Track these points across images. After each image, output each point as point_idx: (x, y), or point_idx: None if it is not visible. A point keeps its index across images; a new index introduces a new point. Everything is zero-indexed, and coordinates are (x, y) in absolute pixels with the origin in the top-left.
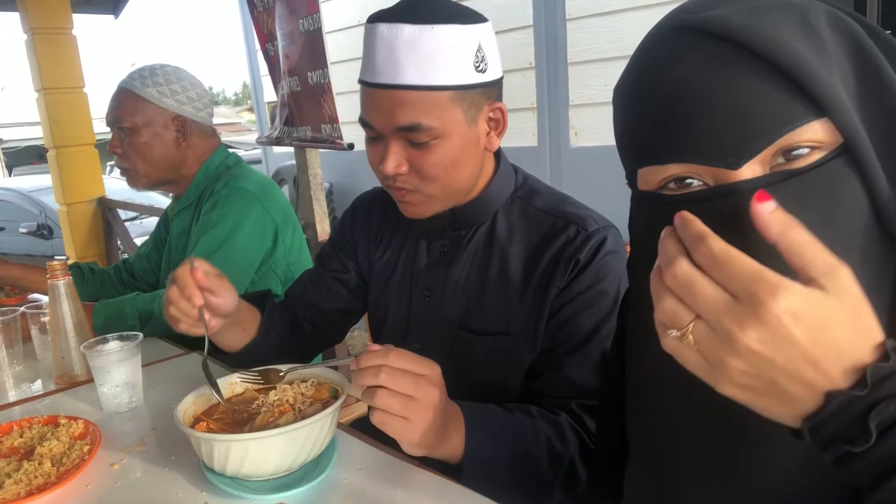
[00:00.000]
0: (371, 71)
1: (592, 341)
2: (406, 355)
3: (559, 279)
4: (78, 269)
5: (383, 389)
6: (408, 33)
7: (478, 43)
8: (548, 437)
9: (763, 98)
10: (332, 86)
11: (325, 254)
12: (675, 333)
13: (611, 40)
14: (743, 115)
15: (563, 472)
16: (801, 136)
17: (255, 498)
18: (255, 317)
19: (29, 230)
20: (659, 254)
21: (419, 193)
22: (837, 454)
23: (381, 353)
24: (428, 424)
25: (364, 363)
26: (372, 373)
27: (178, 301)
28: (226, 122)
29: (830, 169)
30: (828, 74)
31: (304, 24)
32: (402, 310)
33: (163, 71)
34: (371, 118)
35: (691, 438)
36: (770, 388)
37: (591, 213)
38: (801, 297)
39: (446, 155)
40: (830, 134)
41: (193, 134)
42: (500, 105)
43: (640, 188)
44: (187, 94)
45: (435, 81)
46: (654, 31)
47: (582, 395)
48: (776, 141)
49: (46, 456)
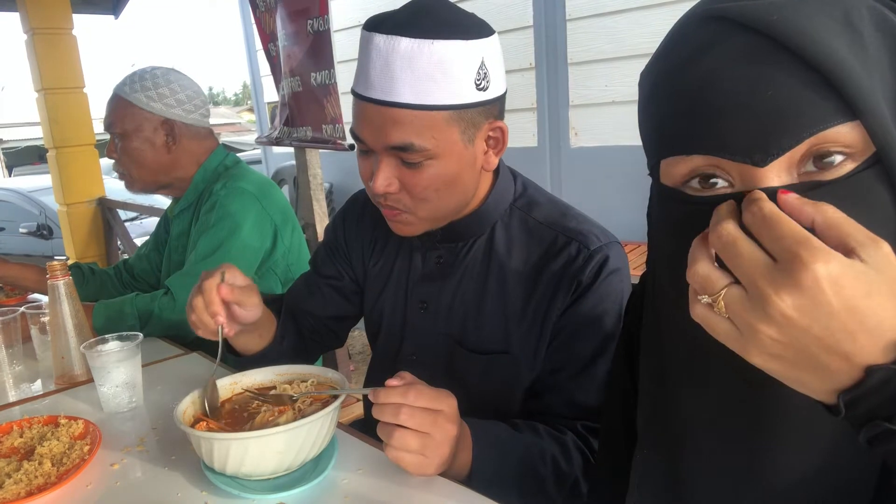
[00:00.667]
0: (365, 83)
1: (597, 362)
2: (424, 393)
3: (561, 300)
4: (78, 269)
5: (401, 429)
6: (405, 48)
7: (480, 59)
8: (553, 457)
9: (794, 95)
10: (337, 86)
11: (318, 258)
12: (706, 299)
13: (611, 40)
14: (772, 111)
15: (566, 489)
16: (831, 137)
17: (255, 498)
18: (273, 322)
19: (29, 230)
20: (712, 219)
21: (410, 214)
22: (874, 432)
23: (400, 392)
24: (444, 460)
25: (381, 399)
26: (390, 411)
27: (201, 313)
28: (226, 122)
29: (862, 180)
30: (866, 76)
31: (312, 25)
32: (396, 320)
33: (152, 75)
34: (362, 133)
35: (707, 429)
36: (804, 358)
37: (593, 227)
38: (843, 266)
39: (439, 176)
40: (862, 140)
41: (184, 137)
42: (501, 124)
43: (662, 182)
44: (176, 97)
45: (431, 101)
46: (684, 19)
47: (587, 416)
48: (805, 140)
49: (46, 456)
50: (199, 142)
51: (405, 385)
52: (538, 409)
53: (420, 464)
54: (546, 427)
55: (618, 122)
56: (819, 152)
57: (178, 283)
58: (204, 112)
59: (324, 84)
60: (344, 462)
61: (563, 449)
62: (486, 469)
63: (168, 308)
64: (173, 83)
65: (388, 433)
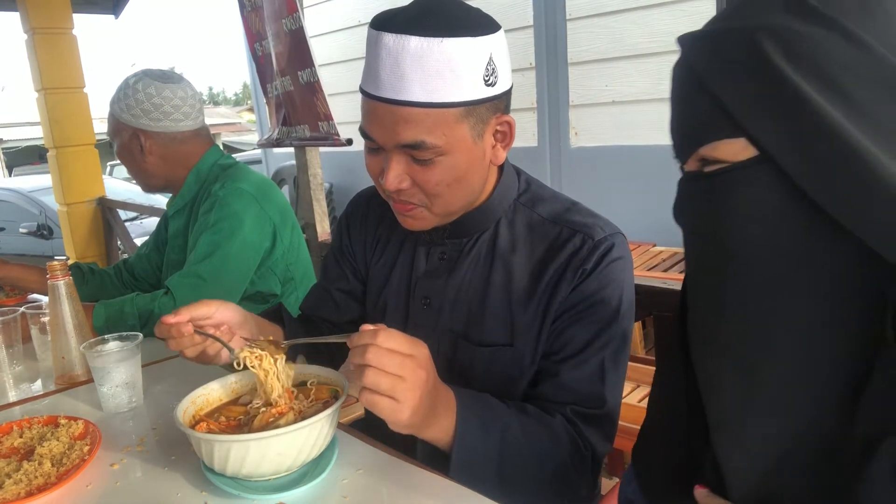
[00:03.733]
0: (374, 83)
1: (590, 348)
2: (395, 336)
3: (564, 289)
4: (78, 269)
5: (371, 369)
6: (415, 46)
7: (489, 55)
8: (538, 434)
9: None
10: (321, 84)
11: (328, 264)
12: None
13: (611, 40)
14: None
15: (551, 470)
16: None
17: (255, 498)
18: (279, 332)
19: (29, 230)
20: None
21: (424, 209)
22: None
23: (370, 333)
24: (416, 404)
25: (355, 342)
26: (360, 352)
27: (178, 344)
28: (226, 122)
29: (735, 177)
30: (752, 101)
31: (287, 24)
32: (399, 316)
33: (125, 83)
34: (372, 132)
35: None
36: None
37: (598, 220)
38: None
39: (450, 172)
40: (742, 150)
41: (157, 145)
42: (508, 118)
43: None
44: (142, 107)
45: (441, 98)
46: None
47: (578, 401)
48: (694, 152)
49: (46, 456)
50: (182, 146)
51: (377, 327)
52: (532, 396)
53: (392, 408)
54: (535, 408)
55: (618, 122)
56: (704, 159)
57: (178, 283)
58: (177, 117)
59: (309, 82)
60: (344, 462)
61: (550, 429)
62: (469, 436)
63: (168, 308)
64: (139, 92)
65: (359, 374)
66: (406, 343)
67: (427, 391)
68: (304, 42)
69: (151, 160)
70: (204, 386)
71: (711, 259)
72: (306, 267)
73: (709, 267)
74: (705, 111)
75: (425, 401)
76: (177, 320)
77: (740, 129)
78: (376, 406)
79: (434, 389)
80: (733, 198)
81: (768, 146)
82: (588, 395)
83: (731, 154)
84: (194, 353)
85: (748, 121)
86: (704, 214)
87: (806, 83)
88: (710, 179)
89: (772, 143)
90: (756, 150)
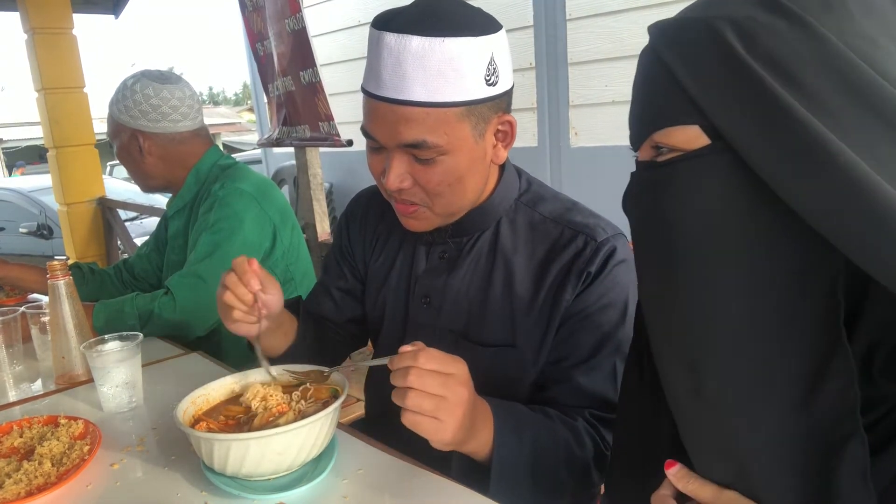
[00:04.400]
0: (376, 82)
1: (600, 353)
2: (435, 356)
3: (570, 292)
4: (78, 269)
5: (413, 391)
6: (416, 46)
7: (490, 55)
8: (566, 440)
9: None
10: (323, 84)
11: (329, 264)
12: None
13: (611, 40)
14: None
15: (578, 474)
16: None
17: (255, 498)
18: (293, 321)
19: (29, 230)
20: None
21: (426, 208)
22: None
23: (410, 356)
24: (459, 423)
25: (395, 365)
26: (401, 374)
27: (236, 286)
28: (226, 122)
29: (688, 166)
30: (715, 95)
31: (290, 24)
32: (398, 315)
33: (124, 85)
34: (374, 131)
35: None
36: None
37: (599, 220)
38: None
39: (451, 171)
40: (695, 137)
41: (156, 146)
42: (509, 118)
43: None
44: (140, 108)
45: (443, 98)
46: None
47: (595, 405)
48: (646, 138)
49: (46, 456)
50: (181, 146)
51: (416, 349)
52: (544, 401)
53: (436, 428)
54: (557, 412)
55: (618, 122)
56: (658, 146)
57: (178, 283)
58: (175, 118)
59: (311, 82)
60: (344, 462)
61: (575, 433)
62: (506, 447)
63: (168, 308)
64: (137, 93)
65: (402, 396)
66: (446, 362)
67: (468, 409)
68: (306, 42)
69: (150, 161)
70: (204, 386)
71: (660, 250)
72: (306, 267)
73: (657, 259)
74: (663, 96)
75: (467, 418)
76: (256, 290)
77: (695, 115)
78: (420, 426)
79: (474, 404)
80: (686, 187)
81: (727, 133)
82: (603, 400)
83: (685, 141)
84: (238, 316)
85: (708, 107)
86: (655, 203)
87: (765, 72)
88: (662, 168)
89: (730, 130)
90: (709, 139)
